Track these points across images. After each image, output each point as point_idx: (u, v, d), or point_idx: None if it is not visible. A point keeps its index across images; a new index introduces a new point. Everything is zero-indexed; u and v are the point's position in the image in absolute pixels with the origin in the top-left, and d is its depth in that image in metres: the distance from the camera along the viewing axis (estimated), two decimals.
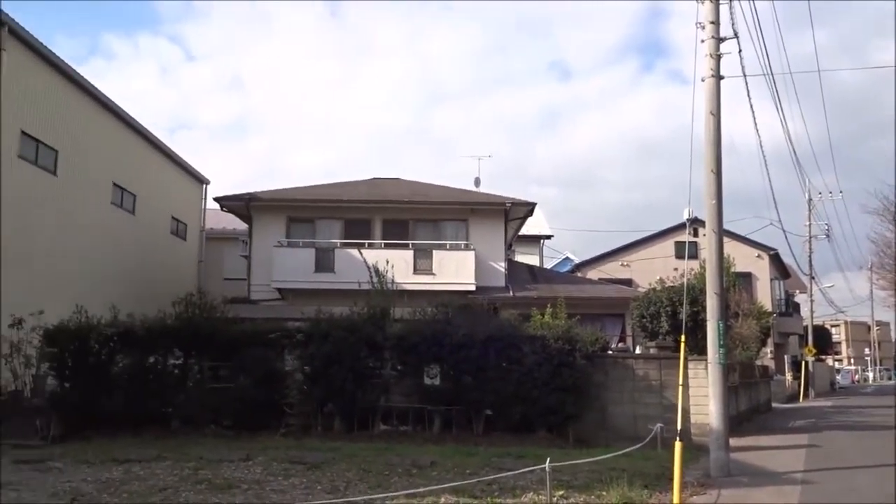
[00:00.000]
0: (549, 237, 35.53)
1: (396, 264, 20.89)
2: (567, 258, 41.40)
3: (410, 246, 23.52)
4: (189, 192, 30.20)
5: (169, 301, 17.75)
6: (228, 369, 15.96)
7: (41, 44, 19.04)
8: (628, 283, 32.52)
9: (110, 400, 15.35)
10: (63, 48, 78.54)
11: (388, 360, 16.19)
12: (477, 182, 32.63)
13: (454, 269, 23.06)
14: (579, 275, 34.62)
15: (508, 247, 26.31)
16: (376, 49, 79.08)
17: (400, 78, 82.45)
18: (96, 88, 21.97)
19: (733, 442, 12.86)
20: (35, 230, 18.94)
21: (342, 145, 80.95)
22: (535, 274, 26.57)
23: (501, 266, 24.16)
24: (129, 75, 78.09)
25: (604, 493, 9.43)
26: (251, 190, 24.62)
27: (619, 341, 22.80)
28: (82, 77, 21.21)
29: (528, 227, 28.85)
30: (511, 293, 23.01)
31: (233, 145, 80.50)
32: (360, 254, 22.29)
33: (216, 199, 24.72)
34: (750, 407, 22.59)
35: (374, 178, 28.71)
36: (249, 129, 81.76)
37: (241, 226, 28.34)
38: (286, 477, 10.53)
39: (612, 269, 35.80)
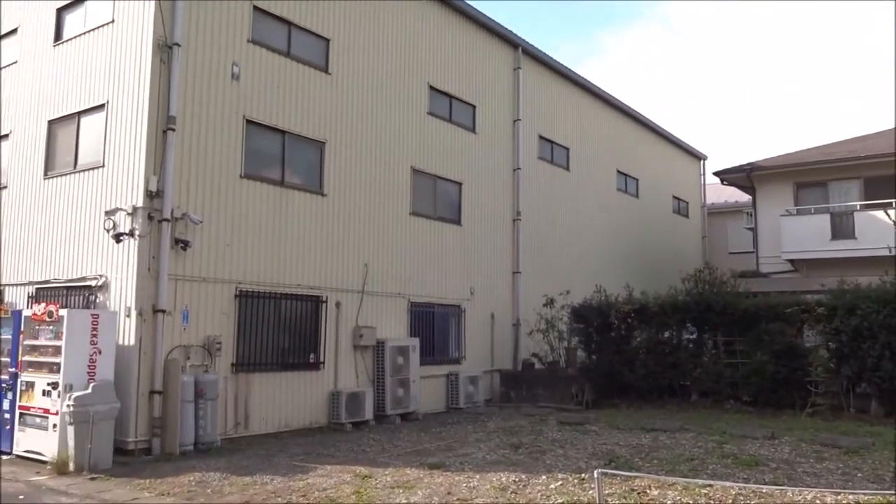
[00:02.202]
0: None
1: None
2: None
3: None
4: (687, 170, 30.47)
5: (676, 278, 18.20)
6: (743, 344, 15.62)
7: (547, 56, 21.43)
8: None
9: (631, 372, 16.47)
10: (562, 53, 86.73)
11: None
12: None
13: None
14: None
15: None
16: None
17: None
18: (594, 85, 23.76)
19: None
20: (556, 220, 21.40)
21: (854, 94, 71.40)
22: None
23: None
24: (621, 65, 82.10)
25: None
26: (750, 159, 23.60)
27: None
28: (582, 77, 23.15)
29: None
30: None
31: (727, 117, 77.98)
32: (888, 215, 19.42)
33: (716, 174, 24.35)
34: None
35: None
36: (743, 97, 78.15)
37: (743, 198, 27.40)
38: (818, 460, 9.84)
39: None
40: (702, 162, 31.42)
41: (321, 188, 14.18)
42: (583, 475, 8.84)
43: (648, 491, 8.03)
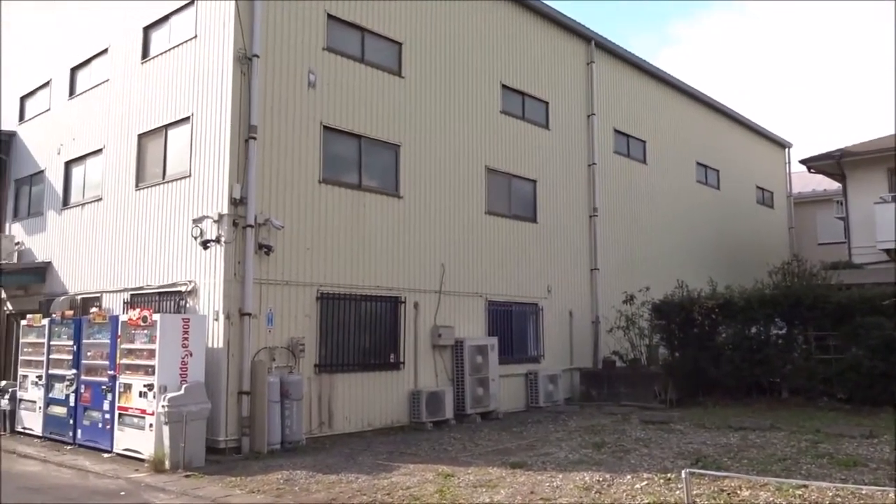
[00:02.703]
0: None
1: None
2: None
3: None
4: (771, 159, 29.40)
5: (761, 271, 17.59)
6: (836, 339, 14.97)
7: (621, 48, 21.08)
8: None
9: (717, 369, 15.98)
10: (636, 45, 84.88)
11: None
12: None
13: None
14: None
15: None
16: None
17: None
18: (670, 75, 23.20)
19: None
20: (634, 215, 21.00)
21: None
22: None
23: None
24: (697, 54, 79.88)
25: None
26: (839, 146, 22.53)
27: None
28: (658, 69, 22.65)
29: None
30: None
31: (811, 103, 74.74)
32: None
33: (802, 162, 23.37)
34: None
35: None
36: (828, 81, 74.64)
37: (833, 186, 26.23)
38: None
39: None
40: (786, 150, 30.27)
41: (397, 190, 14.36)
42: (669, 475, 8.65)
43: (739, 492, 7.78)
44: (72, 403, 12.14)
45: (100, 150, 15.09)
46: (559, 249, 18.19)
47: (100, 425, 11.51)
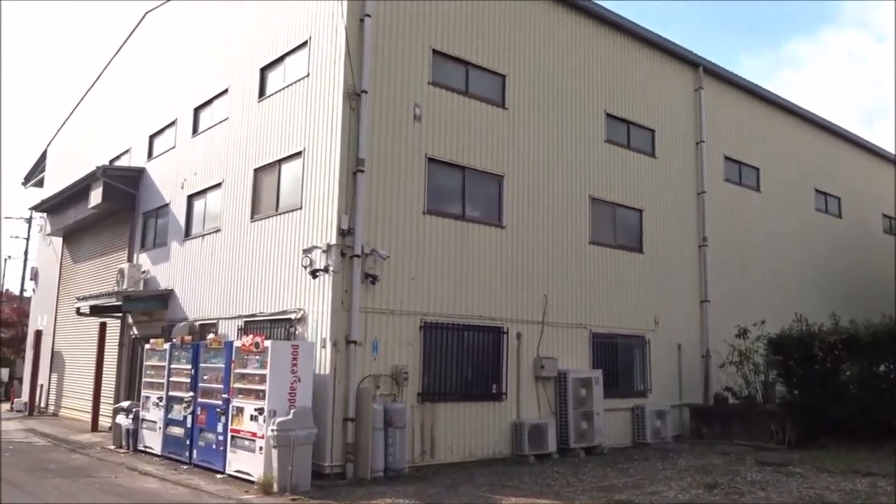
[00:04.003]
0: None
1: None
2: None
3: None
4: None
5: (888, 304, 16.47)
6: None
7: (730, 73, 20.46)
8: None
9: (841, 408, 14.94)
10: (748, 69, 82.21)
11: None
12: None
13: None
14: None
15: None
16: None
17: None
18: (785, 100, 22.28)
19: None
20: (747, 245, 20.13)
21: None
22: None
23: None
24: (815, 77, 76.37)
25: None
26: None
27: None
28: (771, 93, 21.81)
29: None
30: None
31: None
32: None
33: None
34: None
35: None
36: None
37: None
38: None
39: None
40: None
41: (500, 221, 14.39)
42: None
43: None
44: (188, 425, 12.73)
45: (219, 185, 15.94)
46: (667, 280, 17.65)
47: (214, 446, 12.00)
